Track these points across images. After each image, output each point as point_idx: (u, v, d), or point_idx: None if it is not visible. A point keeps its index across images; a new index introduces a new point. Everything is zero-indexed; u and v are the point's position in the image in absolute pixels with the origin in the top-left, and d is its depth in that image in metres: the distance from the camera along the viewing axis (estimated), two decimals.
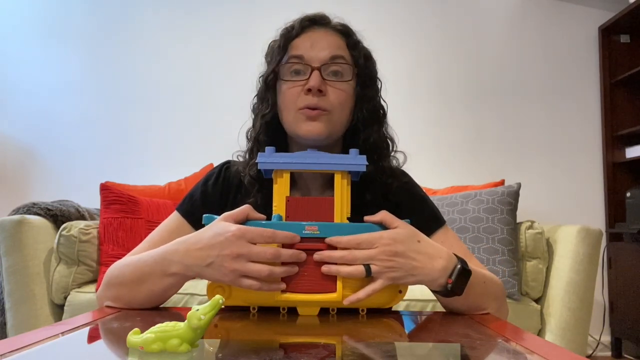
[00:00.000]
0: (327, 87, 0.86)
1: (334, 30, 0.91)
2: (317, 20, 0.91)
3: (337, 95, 0.86)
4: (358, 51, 0.91)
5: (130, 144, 2.79)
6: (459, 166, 2.81)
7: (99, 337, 0.64)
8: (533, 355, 0.54)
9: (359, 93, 0.91)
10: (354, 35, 0.93)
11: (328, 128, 0.86)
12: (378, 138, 0.91)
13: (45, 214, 2.04)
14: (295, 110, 0.86)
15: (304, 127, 0.85)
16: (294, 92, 0.87)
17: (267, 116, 0.91)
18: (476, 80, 2.88)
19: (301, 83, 0.86)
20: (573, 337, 1.90)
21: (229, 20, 2.88)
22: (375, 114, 0.92)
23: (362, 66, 0.91)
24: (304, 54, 0.87)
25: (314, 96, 0.84)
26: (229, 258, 0.68)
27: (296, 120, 0.86)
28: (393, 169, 0.94)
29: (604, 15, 2.88)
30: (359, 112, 0.90)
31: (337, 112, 0.87)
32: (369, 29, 0.97)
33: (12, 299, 1.90)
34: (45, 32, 2.85)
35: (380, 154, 0.91)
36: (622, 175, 2.80)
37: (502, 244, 1.98)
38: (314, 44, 0.88)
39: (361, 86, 0.91)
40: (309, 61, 0.87)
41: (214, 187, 0.94)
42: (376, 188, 0.90)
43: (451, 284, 0.73)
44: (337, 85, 0.87)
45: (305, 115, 0.85)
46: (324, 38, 0.89)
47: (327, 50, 0.87)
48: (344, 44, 0.90)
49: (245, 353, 0.54)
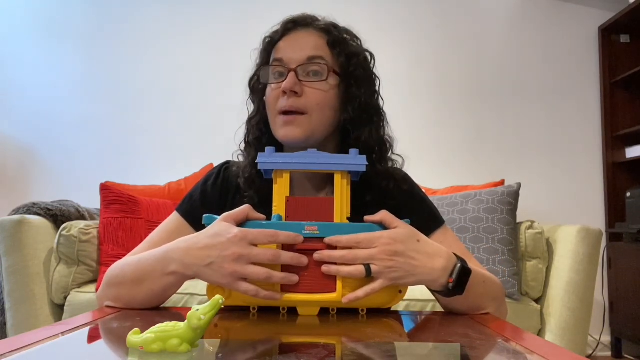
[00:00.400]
0: (303, 88, 0.85)
1: (316, 30, 0.90)
2: (299, 22, 0.91)
3: (314, 96, 0.85)
4: (339, 49, 0.89)
5: (130, 144, 2.79)
6: (459, 166, 2.81)
7: (99, 337, 0.64)
8: (533, 355, 0.54)
9: (343, 93, 0.88)
10: (337, 34, 0.90)
11: (305, 131, 0.85)
12: (371, 138, 0.89)
13: (45, 214, 2.04)
14: (275, 114, 0.87)
15: (281, 132, 0.85)
16: (274, 95, 0.87)
17: (254, 120, 0.92)
18: (476, 80, 2.88)
19: (280, 85, 0.86)
20: (573, 337, 1.90)
21: (228, 20, 2.88)
22: (364, 113, 0.89)
23: (344, 65, 0.88)
24: (283, 56, 0.87)
25: (288, 98, 0.84)
26: (230, 259, 0.67)
27: (275, 124, 0.87)
28: (391, 170, 0.92)
29: (604, 15, 2.88)
30: (345, 112, 0.88)
31: (316, 113, 0.85)
32: (369, 28, 0.97)
33: (12, 299, 1.90)
34: (46, 33, 2.85)
35: (376, 154, 0.89)
36: (622, 175, 2.80)
37: (502, 244, 1.98)
38: (293, 45, 0.88)
39: (346, 85, 0.88)
40: (287, 63, 0.86)
41: (214, 188, 0.94)
42: (375, 188, 0.90)
43: (452, 283, 0.72)
44: (314, 85, 0.85)
45: (282, 120, 0.85)
46: (303, 39, 0.89)
47: (304, 51, 0.86)
48: (324, 43, 0.89)
49: (245, 353, 0.54)
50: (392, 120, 0.96)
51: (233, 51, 2.82)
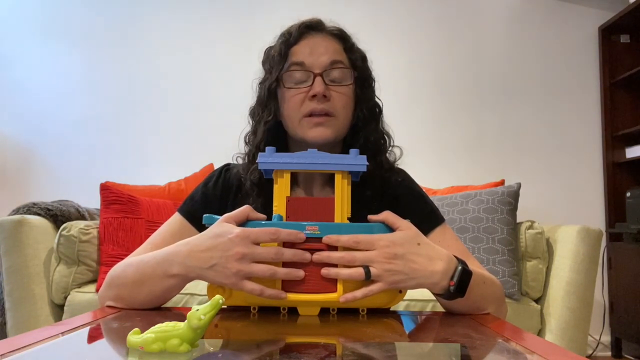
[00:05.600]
0: (330, 92, 0.88)
1: (330, 35, 0.93)
2: (313, 26, 0.93)
3: (340, 99, 0.89)
4: (355, 54, 0.94)
5: (130, 144, 2.79)
6: (459, 166, 2.81)
7: (99, 337, 0.64)
8: (533, 355, 0.54)
9: (358, 94, 0.93)
10: (350, 39, 0.95)
11: (334, 132, 0.89)
12: (377, 135, 0.94)
13: (45, 214, 2.04)
14: (300, 117, 0.88)
15: (311, 133, 0.88)
16: (297, 99, 0.89)
17: (270, 123, 0.92)
18: (476, 80, 2.88)
19: (304, 89, 0.88)
20: (573, 337, 1.90)
21: (229, 21, 2.88)
22: (373, 112, 0.95)
23: (360, 68, 0.94)
24: (305, 61, 0.89)
25: (319, 102, 0.87)
26: (233, 259, 0.67)
27: (302, 127, 0.89)
28: (391, 164, 0.97)
29: (604, 15, 2.88)
30: (360, 113, 0.93)
31: (342, 116, 0.90)
32: (368, 29, 0.98)
33: (12, 299, 1.90)
34: (46, 33, 2.85)
35: (378, 150, 0.94)
36: (622, 175, 2.81)
37: (502, 244, 1.98)
38: (313, 50, 0.90)
39: (360, 87, 0.94)
40: (310, 67, 0.89)
41: (214, 189, 0.95)
42: (375, 183, 0.92)
43: (453, 286, 0.72)
44: (340, 89, 0.89)
45: (312, 121, 0.88)
46: (321, 43, 0.91)
47: (326, 56, 0.89)
48: (341, 48, 0.93)
49: (246, 353, 0.54)
50: (392, 121, 1.00)
51: (234, 51, 2.82)
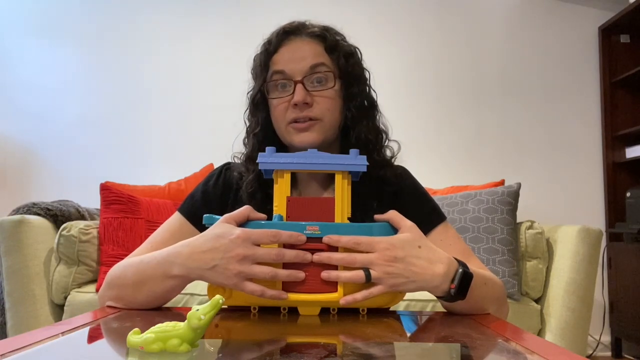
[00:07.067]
0: (312, 98, 0.87)
1: (310, 37, 0.91)
2: (292, 31, 0.91)
3: (324, 103, 0.88)
4: (337, 53, 0.91)
5: (130, 144, 2.79)
6: (459, 166, 2.81)
7: (99, 337, 0.64)
8: (533, 355, 0.54)
9: (344, 93, 0.92)
10: (333, 37, 0.92)
11: (320, 135, 0.88)
12: (369, 131, 0.92)
13: (45, 214, 2.04)
14: (285, 125, 0.89)
15: (297, 139, 0.88)
16: (281, 107, 0.89)
17: (259, 134, 0.93)
18: (476, 80, 2.88)
19: (287, 98, 0.88)
20: (573, 337, 1.90)
21: (228, 21, 2.88)
22: (363, 109, 0.93)
23: (344, 66, 0.91)
24: (284, 68, 0.88)
25: (301, 110, 0.87)
26: (234, 260, 0.67)
27: (289, 133, 0.89)
28: (387, 161, 0.95)
29: (604, 15, 2.88)
30: (347, 111, 0.92)
31: (328, 118, 0.89)
32: (367, 29, 0.98)
33: (12, 299, 1.90)
34: (46, 33, 2.85)
35: (372, 147, 0.92)
36: (622, 175, 2.80)
37: (502, 244, 1.98)
38: (293, 56, 0.89)
39: (346, 86, 0.92)
40: (291, 75, 0.88)
41: (215, 188, 0.95)
42: (371, 181, 0.91)
43: (454, 289, 0.71)
44: (323, 93, 0.88)
45: (297, 127, 0.87)
46: (300, 48, 0.90)
47: (306, 61, 0.88)
48: (322, 49, 0.91)
49: (246, 353, 0.54)
50: (391, 121, 0.98)
51: (233, 52, 2.82)
